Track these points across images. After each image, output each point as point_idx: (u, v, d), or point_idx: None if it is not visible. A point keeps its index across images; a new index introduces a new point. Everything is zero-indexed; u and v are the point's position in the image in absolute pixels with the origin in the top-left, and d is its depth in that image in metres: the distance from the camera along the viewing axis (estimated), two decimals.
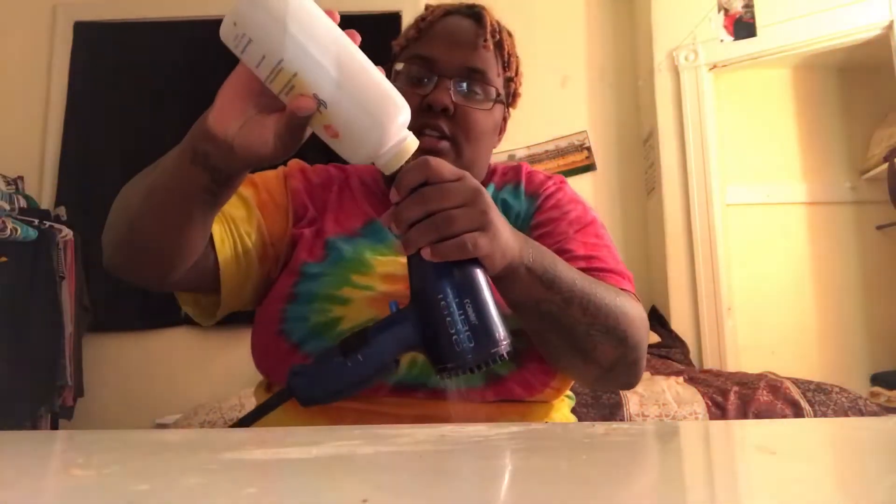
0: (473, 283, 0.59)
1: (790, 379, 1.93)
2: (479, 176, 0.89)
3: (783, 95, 3.11)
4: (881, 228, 2.93)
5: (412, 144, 0.59)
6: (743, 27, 2.73)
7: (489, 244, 0.58)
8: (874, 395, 2.56)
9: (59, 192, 3.04)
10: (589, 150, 3.10)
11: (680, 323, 2.76)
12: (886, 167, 2.73)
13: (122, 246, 0.71)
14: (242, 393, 2.05)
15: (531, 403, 0.77)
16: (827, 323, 2.94)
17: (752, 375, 2.09)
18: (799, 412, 1.74)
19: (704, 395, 1.84)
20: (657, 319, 2.82)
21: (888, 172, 2.71)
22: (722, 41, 2.77)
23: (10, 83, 3.15)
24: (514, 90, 0.91)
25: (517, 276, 0.64)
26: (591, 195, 3.01)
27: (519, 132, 3.01)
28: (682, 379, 2.04)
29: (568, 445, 0.45)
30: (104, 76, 3.14)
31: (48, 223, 2.69)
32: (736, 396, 1.81)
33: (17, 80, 3.16)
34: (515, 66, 0.90)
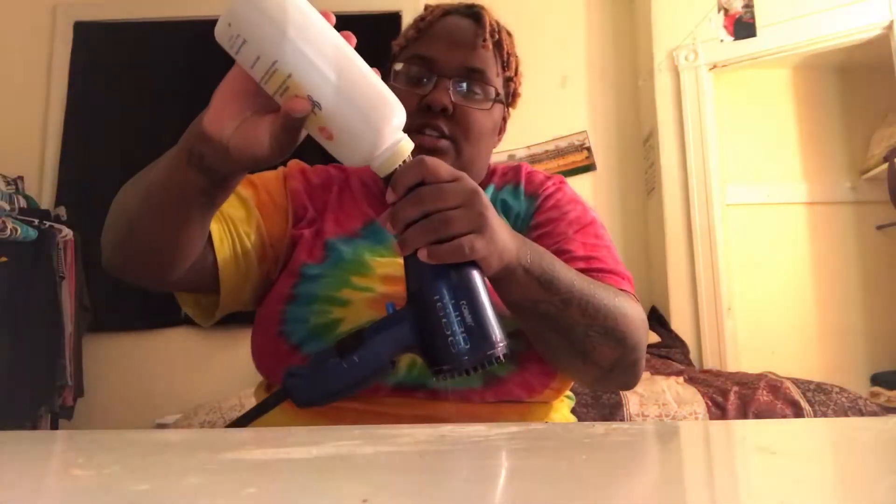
0: (470, 284, 0.58)
1: (790, 379, 1.93)
2: (478, 176, 0.89)
3: (783, 95, 3.11)
4: (881, 228, 2.93)
5: (407, 146, 0.59)
6: (743, 27, 2.73)
7: (486, 246, 0.58)
8: (874, 395, 2.56)
9: (59, 192, 3.04)
10: (589, 150, 3.10)
11: (680, 323, 2.76)
12: (886, 167, 2.73)
13: (120, 247, 0.71)
14: (242, 393, 2.05)
15: (531, 404, 0.77)
16: (827, 323, 2.94)
17: (752, 375, 2.09)
18: (799, 412, 1.74)
19: (704, 395, 1.84)
20: (657, 319, 2.82)
21: (888, 172, 2.71)
22: (722, 41, 2.77)
23: (10, 83, 3.15)
24: (513, 90, 0.91)
25: (515, 277, 0.64)
26: (591, 195, 3.01)
27: (519, 132, 3.01)
28: (682, 379, 2.04)
29: (568, 445, 0.45)
30: (104, 76, 3.14)
31: (48, 223, 2.69)
32: (736, 396, 1.81)
33: (17, 80, 3.16)
34: (515, 65, 0.89)
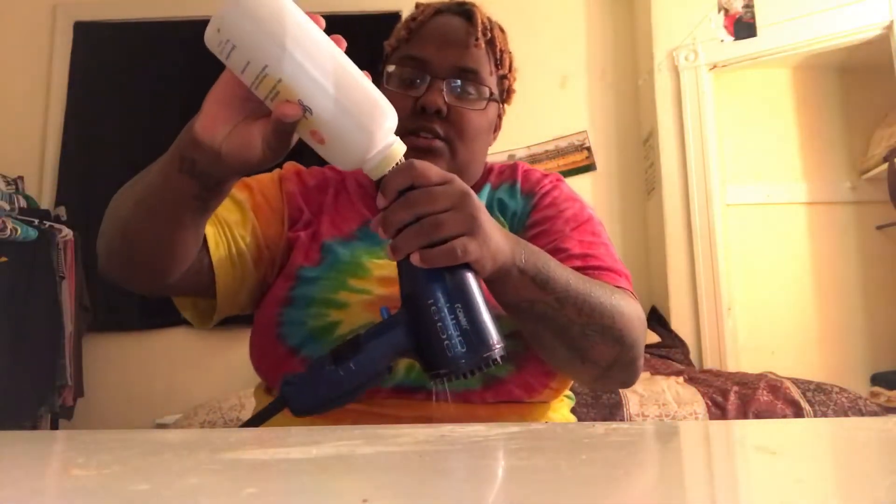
0: (464, 287, 0.58)
1: (790, 379, 1.93)
2: (475, 175, 0.89)
3: (783, 95, 3.11)
4: (881, 228, 2.93)
5: (399, 149, 0.59)
6: (743, 27, 2.73)
7: (478, 249, 0.58)
8: (874, 395, 2.56)
9: (59, 192, 3.04)
10: (589, 150, 3.10)
11: (680, 323, 2.76)
12: (886, 167, 2.73)
13: (115, 253, 0.71)
14: (242, 393, 2.05)
15: (530, 404, 0.77)
16: (827, 323, 2.94)
17: (752, 375, 2.09)
18: (799, 412, 1.74)
19: (704, 395, 1.84)
20: (657, 319, 2.82)
21: (888, 172, 2.71)
22: (722, 41, 2.77)
23: (10, 83, 3.15)
24: (507, 87, 0.90)
25: (510, 277, 0.64)
26: (591, 195, 3.01)
27: (519, 132, 3.01)
28: (682, 379, 2.04)
29: (568, 445, 0.45)
30: (104, 76, 3.14)
31: (48, 223, 2.69)
32: (736, 396, 1.81)
33: (17, 79, 3.16)
34: (508, 62, 0.89)
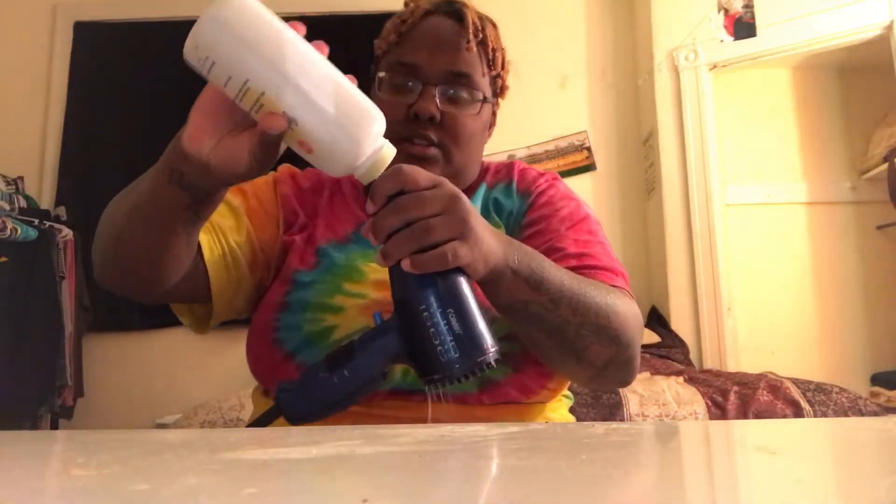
0: (456, 292, 0.58)
1: (790, 379, 1.93)
2: (470, 177, 0.89)
3: (783, 95, 3.11)
4: (881, 228, 2.93)
5: (389, 153, 0.58)
6: (743, 27, 2.73)
7: (470, 252, 0.57)
8: (874, 395, 2.56)
9: (59, 192, 3.04)
10: (589, 150, 3.10)
11: (680, 323, 2.76)
12: (886, 167, 2.73)
13: (109, 263, 0.72)
14: (242, 393, 2.05)
15: (528, 404, 0.77)
16: (827, 323, 2.94)
17: (752, 375, 2.09)
18: (799, 412, 1.74)
19: (704, 395, 1.84)
20: (657, 319, 2.82)
21: (888, 172, 2.71)
22: (722, 41, 2.77)
23: (10, 83, 3.15)
24: (501, 84, 0.89)
25: (503, 279, 0.63)
26: (591, 195, 3.01)
27: (519, 132, 3.01)
28: (682, 379, 2.04)
29: (568, 445, 0.45)
30: (104, 76, 3.14)
31: (48, 223, 2.69)
32: (736, 396, 1.81)
33: (17, 80, 3.16)
34: (501, 59, 0.87)
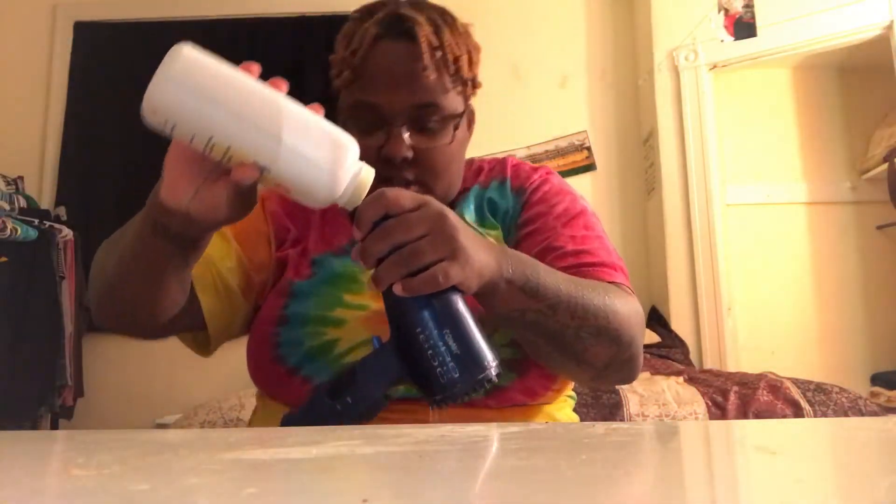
0: (451, 311, 0.57)
1: (790, 379, 1.93)
2: (455, 190, 0.85)
3: (783, 95, 3.11)
4: (881, 228, 2.93)
5: (367, 176, 0.57)
6: (743, 27, 2.73)
7: (461, 271, 0.57)
8: (874, 395, 2.56)
9: (59, 192, 3.04)
10: (589, 150, 3.10)
11: (680, 323, 2.76)
12: (886, 167, 2.73)
13: (104, 309, 0.74)
14: (242, 393, 2.05)
15: (534, 406, 0.77)
16: (827, 323, 2.94)
17: (752, 375, 2.09)
18: (799, 412, 1.74)
19: (704, 395, 1.84)
20: (657, 319, 2.82)
21: (888, 172, 2.71)
22: (722, 41, 2.77)
23: (10, 83, 3.15)
24: (472, 85, 0.84)
25: (498, 290, 0.62)
26: (591, 195, 3.01)
27: (519, 132, 3.01)
28: (682, 379, 2.04)
29: (568, 445, 0.45)
30: (104, 76, 3.14)
31: (48, 223, 2.69)
32: (736, 396, 1.81)
33: (17, 80, 3.16)
34: (467, 62, 0.80)
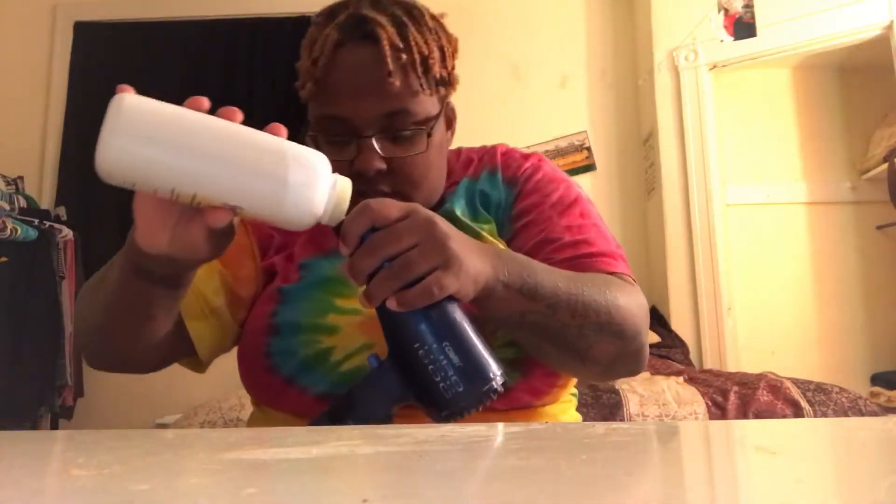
0: (449, 322, 0.55)
1: (790, 379, 1.93)
2: (437, 192, 0.81)
3: (783, 95, 3.11)
4: (881, 228, 2.93)
5: (345, 188, 0.55)
6: (743, 27, 2.73)
7: (455, 280, 0.55)
8: (874, 395, 2.56)
9: (59, 192, 3.04)
10: (589, 150, 3.10)
11: (680, 323, 2.76)
12: (886, 167, 2.73)
13: (99, 357, 0.74)
14: (242, 393, 2.04)
15: (540, 408, 0.75)
16: (827, 323, 2.94)
17: (752, 375, 2.09)
18: (799, 412, 1.74)
19: (704, 395, 1.84)
20: (657, 319, 2.82)
21: (888, 172, 2.71)
22: (722, 41, 2.77)
23: (10, 83, 3.15)
24: (448, 81, 0.79)
25: (495, 294, 0.60)
26: (591, 195, 2.98)
27: (519, 132, 3.01)
28: (682, 379, 2.04)
29: (568, 445, 0.45)
30: (104, 76, 3.14)
31: (48, 223, 2.69)
32: (736, 396, 1.81)
33: (17, 80, 3.16)
34: (438, 57, 0.75)
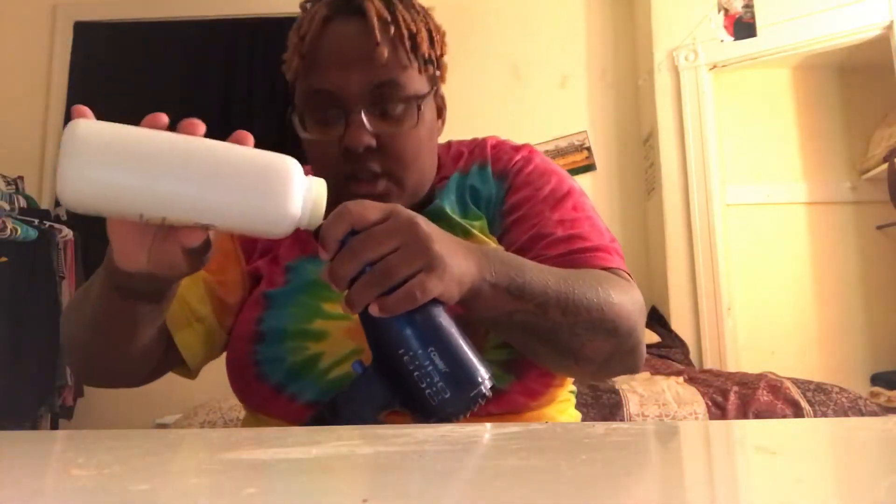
0: (434, 326, 0.54)
1: (790, 379, 1.93)
2: (429, 182, 0.80)
3: (783, 95, 3.11)
4: (881, 228, 2.93)
5: (321, 190, 0.53)
6: (743, 27, 2.73)
7: (439, 282, 0.53)
8: (874, 395, 2.56)
9: None
10: (589, 150, 3.10)
11: (680, 323, 2.76)
12: (886, 167, 2.73)
13: (86, 371, 0.74)
14: None
15: (537, 411, 0.74)
16: (827, 323, 2.94)
17: (752, 375, 2.09)
18: (799, 412, 1.74)
19: (704, 395, 1.84)
20: (657, 319, 2.82)
21: (888, 172, 2.71)
22: (722, 41, 2.77)
23: (10, 83, 3.15)
24: (437, 62, 0.78)
25: (482, 295, 0.58)
26: (591, 195, 2.98)
27: (519, 132, 3.00)
28: (682, 379, 2.04)
29: (568, 445, 0.45)
30: (104, 76, 3.14)
31: (48, 223, 2.69)
32: (736, 396, 1.81)
33: (17, 80, 3.16)
34: (427, 38, 0.74)
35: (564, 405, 0.80)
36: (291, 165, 0.52)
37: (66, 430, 2.67)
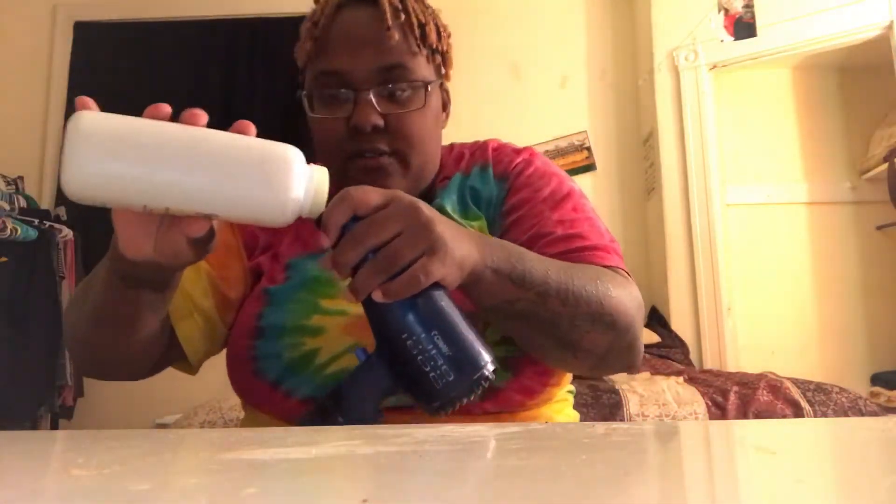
0: (437, 310, 0.54)
1: (790, 379, 1.93)
2: (433, 170, 0.82)
3: (783, 95, 3.11)
4: (881, 228, 2.93)
5: (322, 178, 0.54)
6: (743, 27, 2.73)
7: (442, 266, 0.53)
8: (874, 395, 2.56)
9: (59, 192, 3.03)
10: (589, 150, 3.10)
11: (680, 323, 2.76)
12: (886, 167, 2.73)
13: (89, 363, 0.74)
14: None
15: (534, 410, 0.74)
16: (827, 323, 2.94)
17: (752, 375, 2.09)
18: (799, 412, 1.74)
19: (704, 395, 1.84)
20: (657, 319, 2.82)
21: (888, 172, 2.71)
22: (722, 41, 2.77)
23: (10, 83, 3.15)
24: (443, 55, 0.80)
25: (483, 280, 0.59)
26: (591, 195, 2.98)
27: (519, 132, 3.01)
28: (682, 379, 2.04)
29: (568, 445, 0.45)
30: (104, 76, 3.14)
31: (48, 223, 2.69)
32: (736, 396, 1.81)
33: (17, 80, 3.16)
34: (434, 30, 0.77)
35: (561, 405, 0.80)
36: (293, 154, 0.53)
37: (66, 430, 2.67)
